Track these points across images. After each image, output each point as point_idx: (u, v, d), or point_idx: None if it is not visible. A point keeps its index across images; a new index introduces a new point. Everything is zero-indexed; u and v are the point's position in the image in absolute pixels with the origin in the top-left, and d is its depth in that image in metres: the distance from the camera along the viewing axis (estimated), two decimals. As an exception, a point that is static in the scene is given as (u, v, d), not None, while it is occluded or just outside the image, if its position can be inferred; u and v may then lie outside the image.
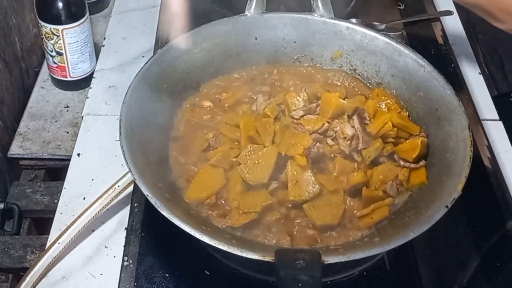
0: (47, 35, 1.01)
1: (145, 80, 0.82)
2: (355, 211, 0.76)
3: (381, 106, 0.84)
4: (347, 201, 0.76)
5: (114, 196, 0.80)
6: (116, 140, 0.72)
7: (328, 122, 0.79)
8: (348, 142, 0.78)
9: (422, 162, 0.79)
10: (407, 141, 0.80)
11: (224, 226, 0.74)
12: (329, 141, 0.79)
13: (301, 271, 0.57)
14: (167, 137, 0.83)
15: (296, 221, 0.75)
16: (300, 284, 0.57)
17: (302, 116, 0.81)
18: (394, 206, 0.76)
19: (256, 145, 0.77)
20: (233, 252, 0.63)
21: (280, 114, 0.83)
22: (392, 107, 0.84)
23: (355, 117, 0.80)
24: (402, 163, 0.79)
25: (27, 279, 0.75)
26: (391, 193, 0.76)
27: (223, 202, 0.76)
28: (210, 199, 0.75)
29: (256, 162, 0.75)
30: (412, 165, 0.79)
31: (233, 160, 0.78)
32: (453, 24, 1.21)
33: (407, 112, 0.85)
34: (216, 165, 0.77)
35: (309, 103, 0.84)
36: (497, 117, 1.04)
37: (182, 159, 0.81)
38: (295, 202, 0.75)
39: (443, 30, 1.17)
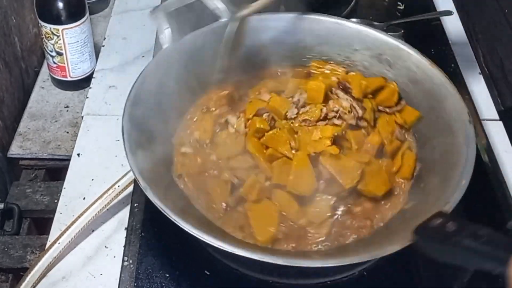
0: (47, 35, 1.01)
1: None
2: (392, 169, 0.78)
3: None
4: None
5: (114, 196, 0.80)
6: (116, 140, 0.72)
7: (324, 106, 0.79)
8: (352, 114, 0.79)
9: (403, 101, 0.83)
10: (383, 90, 0.84)
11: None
12: (336, 121, 0.78)
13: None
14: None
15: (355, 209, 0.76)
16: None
17: (298, 113, 0.80)
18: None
19: (280, 160, 0.75)
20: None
21: (272, 122, 0.80)
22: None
23: (339, 91, 0.81)
24: (388, 110, 0.82)
25: (27, 279, 0.75)
26: (402, 138, 0.80)
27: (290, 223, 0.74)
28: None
29: (295, 173, 0.74)
30: (398, 108, 0.83)
31: (267, 185, 0.75)
32: (453, 24, 1.21)
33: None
34: (260, 199, 0.74)
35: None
36: (497, 117, 1.04)
37: (212, 215, 0.75)
38: (352, 188, 0.74)
39: (443, 30, 1.17)
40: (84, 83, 1.09)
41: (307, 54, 0.91)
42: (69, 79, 1.08)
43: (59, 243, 0.77)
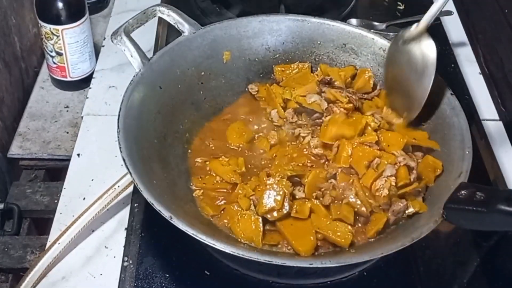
0: (47, 35, 1.01)
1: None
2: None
3: None
4: None
5: (114, 197, 0.80)
6: (116, 140, 0.72)
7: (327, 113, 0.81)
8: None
9: (378, 86, 0.86)
10: (358, 78, 0.87)
11: None
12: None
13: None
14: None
15: None
16: None
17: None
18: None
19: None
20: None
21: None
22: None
23: (325, 88, 0.83)
24: (366, 96, 0.85)
25: (27, 279, 0.75)
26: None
27: None
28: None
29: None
30: (376, 92, 0.86)
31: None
32: (453, 24, 1.21)
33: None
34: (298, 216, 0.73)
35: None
36: (497, 117, 1.04)
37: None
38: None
39: (443, 30, 1.17)
40: (84, 83, 1.09)
41: (272, 56, 0.92)
42: (69, 79, 1.08)
43: (59, 243, 0.77)
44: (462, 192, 0.64)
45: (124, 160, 0.69)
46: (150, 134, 0.78)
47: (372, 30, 0.89)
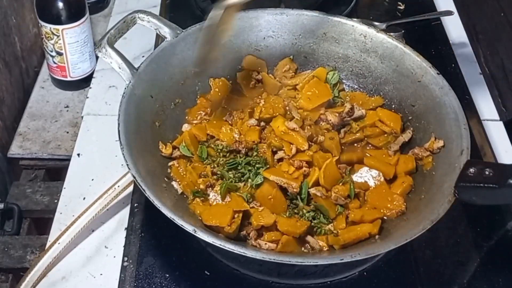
0: (47, 35, 1.01)
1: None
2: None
3: None
4: None
5: (114, 196, 0.80)
6: (116, 140, 0.72)
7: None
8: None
9: None
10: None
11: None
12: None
13: None
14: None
15: None
16: None
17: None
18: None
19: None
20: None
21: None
22: None
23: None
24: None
25: (27, 279, 0.75)
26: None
27: None
28: None
29: None
30: None
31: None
32: (453, 24, 1.21)
33: None
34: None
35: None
36: (497, 117, 1.04)
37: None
38: None
39: (443, 30, 1.17)
40: (84, 83, 1.09)
41: (254, 52, 0.92)
42: (69, 79, 1.08)
43: (59, 243, 0.77)
44: (471, 170, 0.65)
45: (134, 177, 0.68)
46: (151, 146, 0.79)
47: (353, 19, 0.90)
